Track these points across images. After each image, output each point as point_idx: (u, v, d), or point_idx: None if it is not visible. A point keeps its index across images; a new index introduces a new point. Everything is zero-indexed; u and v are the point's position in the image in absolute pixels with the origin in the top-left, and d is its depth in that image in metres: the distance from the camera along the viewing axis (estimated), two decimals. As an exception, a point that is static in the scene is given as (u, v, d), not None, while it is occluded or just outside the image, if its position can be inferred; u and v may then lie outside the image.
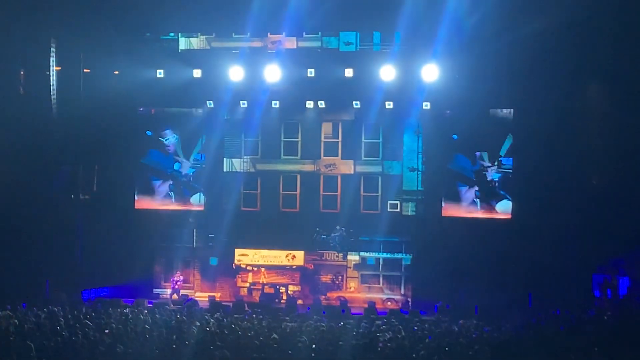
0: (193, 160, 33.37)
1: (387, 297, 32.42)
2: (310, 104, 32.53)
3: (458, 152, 31.49)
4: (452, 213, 31.57)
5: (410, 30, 30.13)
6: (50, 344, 18.24)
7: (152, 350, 17.99)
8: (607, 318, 22.85)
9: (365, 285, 32.82)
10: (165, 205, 33.39)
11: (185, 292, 32.79)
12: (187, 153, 33.37)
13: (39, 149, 30.24)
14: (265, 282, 32.84)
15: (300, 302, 31.65)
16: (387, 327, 22.46)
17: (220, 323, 22.08)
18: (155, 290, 33.30)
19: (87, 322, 20.90)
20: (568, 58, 29.03)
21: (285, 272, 32.88)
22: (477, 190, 31.30)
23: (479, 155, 31.25)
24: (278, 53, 32.01)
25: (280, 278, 32.88)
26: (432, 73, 30.47)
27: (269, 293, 32.36)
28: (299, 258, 32.69)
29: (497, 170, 31.15)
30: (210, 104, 32.94)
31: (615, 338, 19.05)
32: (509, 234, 30.28)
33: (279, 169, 33.58)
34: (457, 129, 31.48)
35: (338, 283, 32.85)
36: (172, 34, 33.21)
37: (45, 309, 23.57)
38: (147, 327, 20.60)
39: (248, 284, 33.09)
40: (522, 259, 29.56)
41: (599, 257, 28.74)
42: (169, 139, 33.34)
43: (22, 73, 31.23)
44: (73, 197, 31.61)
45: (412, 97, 31.38)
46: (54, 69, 30.11)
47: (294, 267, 32.75)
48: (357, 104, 32.28)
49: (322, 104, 32.42)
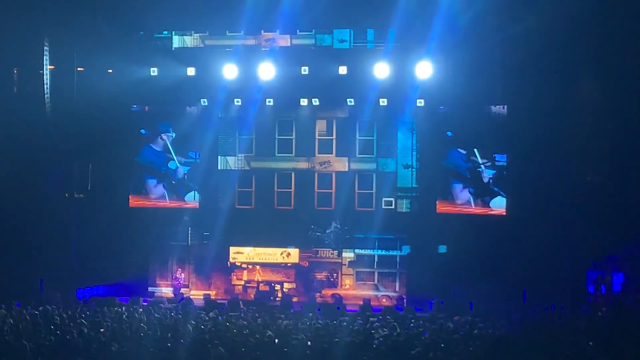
0: (187, 158, 33.34)
1: (382, 294, 32.45)
2: (305, 102, 32.52)
3: (452, 149, 31.51)
4: (446, 210, 31.59)
5: (404, 28, 30.13)
6: (45, 343, 18.22)
7: (147, 349, 17.97)
8: (601, 314, 22.90)
9: (361, 283, 32.84)
10: (160, 204, 33.36)
11: (182, 290, 32.79)
12: (181, 151, 33.33)
13: (33, 148, 30.20)
14: (261, 279, 32.84)
15: (296, 299, 31.63)
16: (382, 324, 22.48)
17: (216, 321, 22.08)
18: (150, 289, 33.25)
19: (82, 320, 20.90)
20: (562, 55, 29.08)
21: (280, 269, 32.88)
22: (471, 187, 31.33)
23: (473, 152, 31.26)
24: (272, 51, 31.99)
25: (275, 276, 32.88)
26: (425, 70, 30.50)
27: (264, 291, 32.37)
28: (294, 255, 32.70)
29: (491, 167, 31.16)
30: (205, 102, 32.90)
31: (610, 333, 19.10)
32: (504, 231, 30.32)
33: (274, 167, 33.56)
34: (451, 126, 31.51)
35: (333, 280, 32.86)
36: (165, 32, 33.15)
37: (40, 308, 23.55)
38: (142, 325, 20.60)
39: (243, 282, 33.07)
40: (516, 256, 29.59)
41: (593, 253, 28.81)
42: (168, 136, 33.29)
43: (15, 72, 31.20)
44: (67, 195, 31.60)
45: (406, 94, 31.39)
46: (48, 68, 30.06)
47: (289, 264, 32.76)
48: (351, 102, 32.28)
49: (316, 102, 32.40)
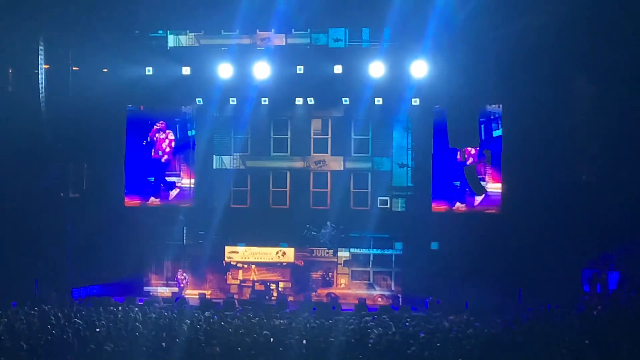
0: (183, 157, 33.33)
1: (377, 293, 32.45)
2: (300, 101, 32.52)
3: (447, 147, 31.46)
4: (441, 209, 31.61)
5: (399, 27, 30.15)
6: (41, 343, 18.20)
7: (142, 348, 17.96)
8: (596, 313, 22.91)
9: (356, 282, 32.84)
10: (155, 203, 33.31)
11: (176, 289, 32.78)
12: (177, 150, 33.29)
13: (28, 147, 30.10)
14: (256, 279, 32.82)
15: (291, 299, 31.66)
16: (377, 323, 22.48)
17: (211, 320, 22.07)
18: (146, 288, 33.23)
19: (77, 320, 20.87)
20: (556, 54, 29.09)
21: (276, 269, 32.86)
22: (466, 186, 31.29)
23: (468, 150, 31.25)
24: (267, 50, 31.97)
25: (271, 275, 32.86)
26: (421, 69, 30.53)
27: (260, 290, 32.35)
28: (289, 255, 32.68)
29: (486, 165, 31.15)
30: (200, 102, 32.89)
31: (605, 332, 19.12)
32: (499, 230, 30.33)
33: (269, 166, 33.54)
34: (446, 125, 31.43)
35: (328, 279, 32.85)
36: (160, 32, 33.10)
37: (36, 308, 23.53)
38: (137, 325, 20.59)
39: (238, 281, 33.06)
40: (511, 254, 29.63)
41: (589, 252, 28.82)
42: (163, 135, 33.27)
43: (10, 71, 31.11)
44: (62, 195, 31.53)
45: (401, 93, 31.43)
46: (43, 67, 29.98)
47: (284, 264, 32.74)
48: (346, 101, 32.30)
49: (311, 101, 32.42)
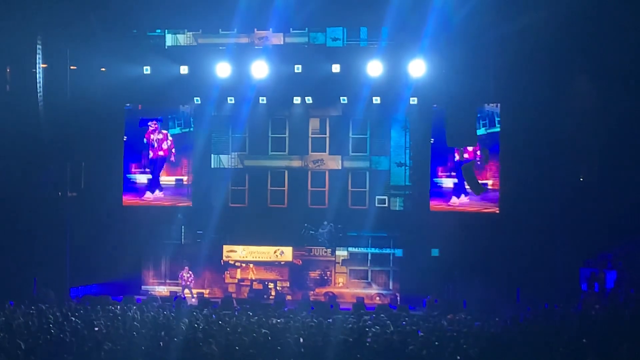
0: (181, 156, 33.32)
1: (375, 292, 32.45)
2: (298, 100, 32.52)
3: (445, 146, 31.44)
4: (439, 208, 31.60)
5: (398, 26, 30.13)
6: (39, 342, 18.16)
7: (140, 347, 17.93)
8: (594, 312, 22.91)
9: (354, 281, 32.84)
10: (153, 202, 33.30)
11: (175, 288, 32.81)
12: (175, 149, 33.27)
13: (26, 146, 30.09)
14: (254, 278, 32.83)
15: (289, 297, 31.67)
16: (375, 322, 22.46)
17: (209, 319, 22.06)
18: (144, 287, 33.22)
19: (75, 319, 20.85)
20: (555, 53, 29.09)
21: (274, 268, 32.86)
22: (464, 185, 31.27)
23: (467, 149, 31.21)
24: (265, 49, 31.95)
25: (269, 274, 32.86)
26: (419, 68, 30.54)
27: (258, 289, 32.36)
28: (287, 254, 32.68)
29: (484, 164, 31.15)
30: (198, 101, 32.88)
31: (602, 331, 19.12)
32: (497, 229, 30.33)
33: (267, 165, 33.53)
34: (444, 124, 31.41)
35: (326, 278, 32.85)
36: (158, 31, 33.08)
37: (33, 307, 23.51)
38: (135, 324, 20.57)
39: (236, 280, 33.07)
40: (509, 254, 29.64)
41: (587, 251, 28.84)
42: (161, 135, 33.24)
43: (8, 70, 31.06)
44: (60, 194, 31.48)
45: (399, 92, 31.44)
46: (40, 66, 29.96)
47: (283, 262, 32.75)
48: (344, 100, 32.29)
49: (309, 100, 32.41)
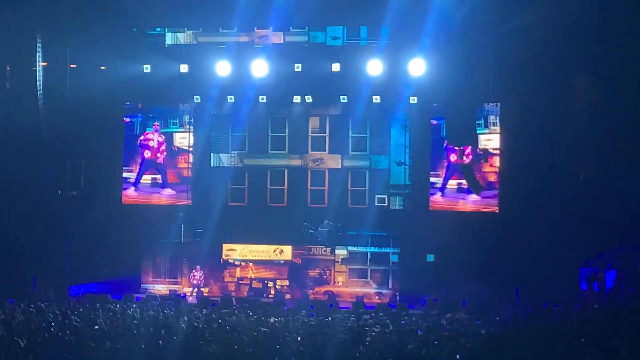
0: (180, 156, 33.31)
1: (375, 291, 32.46)
2: (298, 99, 32.52)
3: (445, 145, 31.50)
4: (439, 207, 31.59)
5: (397, 25, 30.14)
6: (38, 340, 18.19)
7: (140, 346, 17.95)
8: (593, 311, 22.91)
9: (353, 280, 32.84)
10: (153, 201, 33.30)
11: (174, 287, 32.83)
12: (174, 148, 33.27)
13: (25, 145, 30.11)
14: (253, 277, 32.83)
15: (289, 296, 31.67)
16: (375, 321, 22.47)
17: (208, 318, 22.06)
18: (143, 286, 33.22)
19: (75, 318, 20.86)
20: (555, 52, 29.06)
21: (273, 266, 32.87)
22: (464, 184, 31.30)
23: (465, 149, 31.22)
24: (265, 48, 31.95)
25: (268, 273, 32.87)
26: (419, 67, 30.54)
27: (257, 288, 32.38)
28: (287, 253, 32.68)
29: (483, 164, 31.16)
30: (197, 99, 32.86)
31: (602, 331, 19.13)
32: (497, 228, 30.32)
33: (267, 164, 33.54)
34: (443, 123, 31.47)
35: (326, 277, 32.86)
36: (158, 29, 33.07)
37: (33, 305, 23.52)
38: (135, 322, 20.59)
39: (236, 279, 33.07)
40: (509, 253, 29.62)
41: (586, 250, 28.83)
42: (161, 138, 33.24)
43: (7, 69, 31.07)
44: (60, 193, 31.50)
45: (399, 91, 31.44)
46: (40, 65, 29.96)
47: (282, 261, 32.75)
48: (344, 99, 32.30)
49: (309, 99, 32.41)
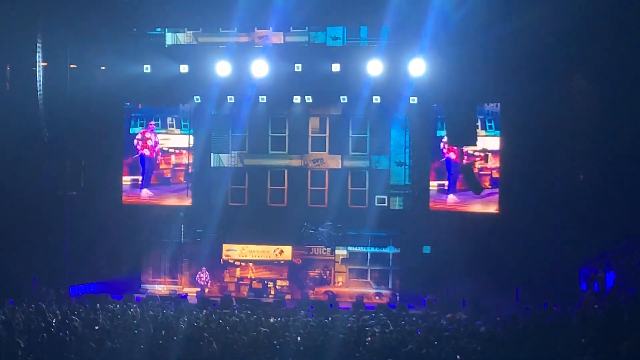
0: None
1: (374, 291, 32.46)
2: (298, 99, 32.52)
3: (445, 145, 31.48)
4: (439, 207, 31.59)
5: (398, 25, 30.11)
6: (38, 340, 18.19)
7: (140, 346, 17.96)
8: (593, 311, 22.91)
9: (353, 280, 32.85)
10: (152, 201, 33.30)
11: (174, 287, 32.84)
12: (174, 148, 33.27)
13: (25, 145, 30.08)
14: (253, 277, 32.84)
15: (289, 297, 31.69)
16: (375, 321, 22.48)
17: (209, 318, 22.07)
18: (143, 286, 33.22)
19: (75, 318, 20.87)
20: (555, 52, 29.06)
21: (273, 267, 32.88)
22: (464, 184, 31.28)
23: (466, 149, 31.17)
24: (265, 48, 31.95)
25: (268, 273, 32.89)
26: (419, 67, 30.50)
27: (257, 288, 32.40)
28: (287, 253, 32.71)
29: (483, 164, 31.15)
30: (198, 99, 32.87)
31: (602, 331, 19.12)
32: (496, 228, 30.29)
33: (267, 164, 33.56)
34: (443, 123, 31.44)
35: (326, 277, 32.87)
36: (158, 29, 33.08)
37: (33, 305, 23.52)
38: (135, 322, 20.60)
39: (236, 279, 33.08)
40: (509, 253, 29.59)
41: (586, 251, 28.82)
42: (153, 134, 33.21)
43: (7, 69, 31.06)
44: (60, 193, 31.51)
45: (399, 91, 31.42)
46: (40, 65, 29.93)
47: (282, 262, 32.77)
48: (344, 99, 32.31)
49: (309, 99, 32.41)
